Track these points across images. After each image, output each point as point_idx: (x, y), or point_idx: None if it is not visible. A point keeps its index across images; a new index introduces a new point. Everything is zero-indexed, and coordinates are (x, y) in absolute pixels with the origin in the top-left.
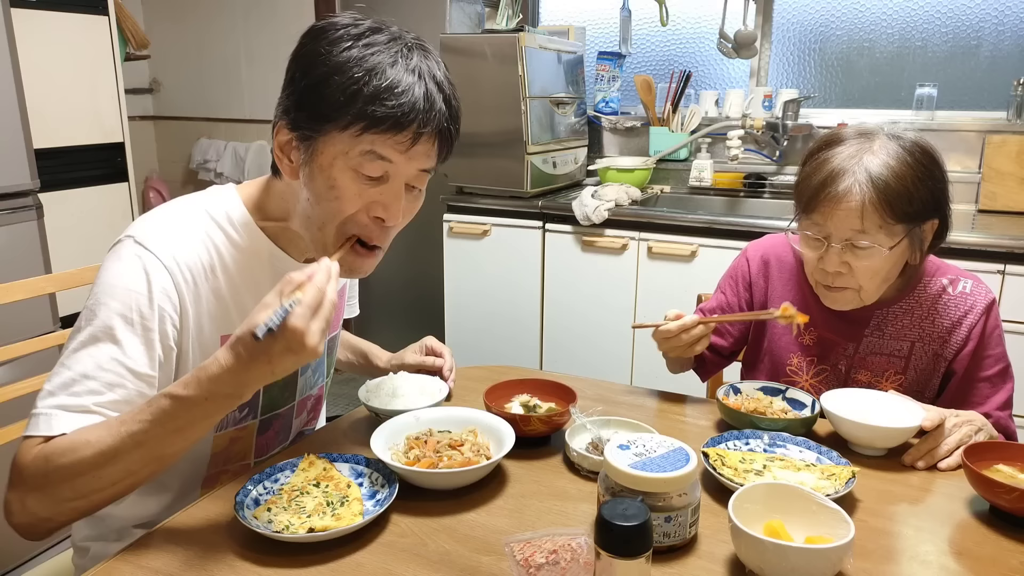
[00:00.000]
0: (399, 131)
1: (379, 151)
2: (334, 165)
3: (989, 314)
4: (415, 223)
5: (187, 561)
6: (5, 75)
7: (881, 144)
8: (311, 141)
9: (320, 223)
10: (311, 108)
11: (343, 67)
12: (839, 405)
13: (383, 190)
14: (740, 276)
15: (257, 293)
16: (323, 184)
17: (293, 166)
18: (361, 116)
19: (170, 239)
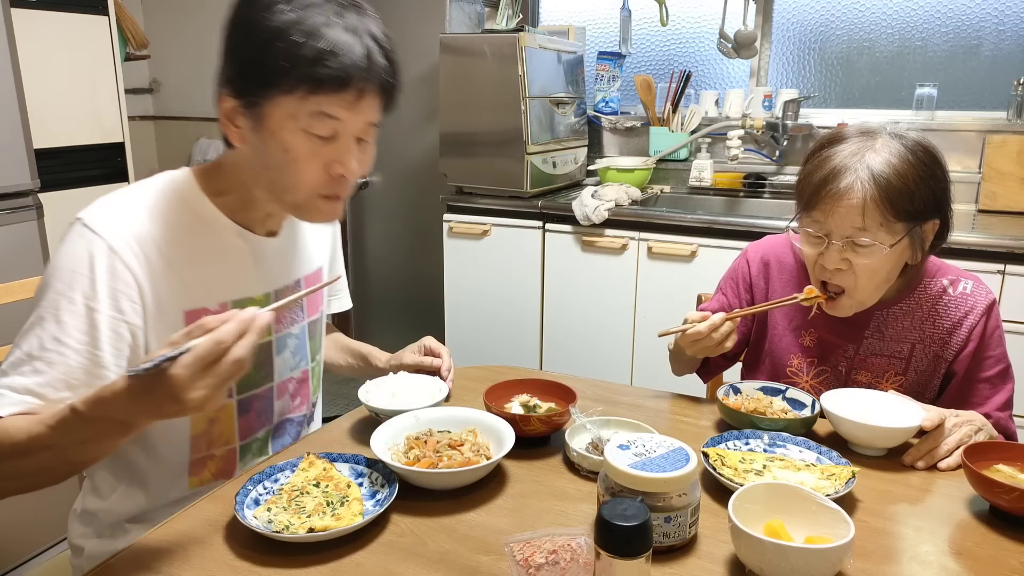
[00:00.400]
0: (343, 90)
1: (326, 111)
2: (284, 128)
3: (989, 315)
4: (415, 223)
5: (187, 561)
6: (5, 75)
7: (884, 143)
8: (257, 107)
9: (284, 187)
10: (254, 75)
11: (281, 32)
12: (839, 405)
13: (336, 148)
14: (741, 277)
15: (217, 266)
16: (276, 148)
17: (240, 132)
18: (305, 79)
19: (117, 218)
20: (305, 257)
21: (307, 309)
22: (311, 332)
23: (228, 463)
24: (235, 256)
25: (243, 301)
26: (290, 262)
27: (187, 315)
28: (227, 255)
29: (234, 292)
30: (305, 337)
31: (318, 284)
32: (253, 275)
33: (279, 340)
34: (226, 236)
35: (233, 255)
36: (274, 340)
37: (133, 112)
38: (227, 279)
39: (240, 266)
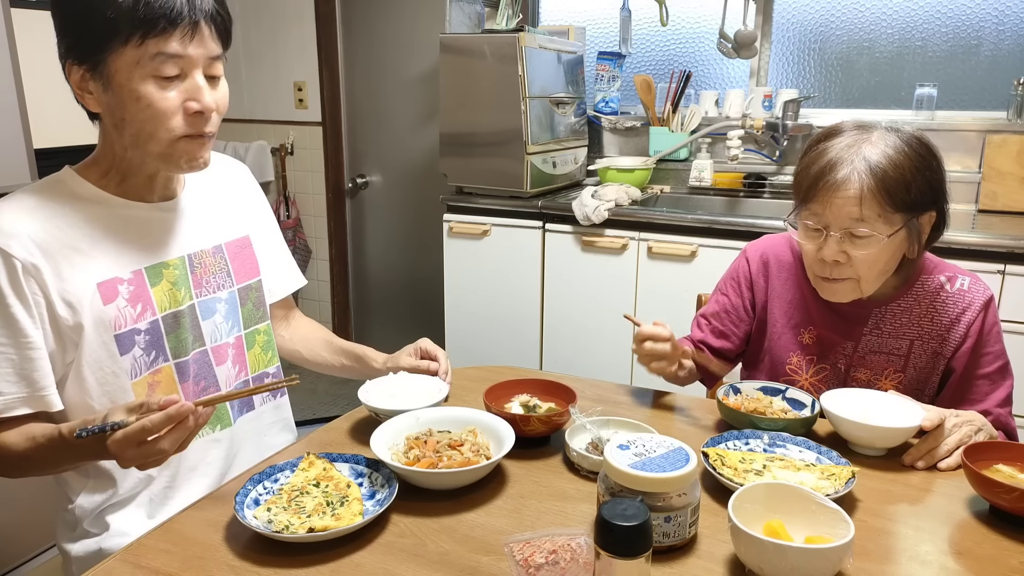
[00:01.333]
0: (175, 26)
1: (165, 50)
2: (132, 78)
3: (987, 311)
4: (415, 223)
5: (187, 561)
6: (5, 75)
7: (879, 135)
8: (101, 67)
9: (148, 136)
10: (88, 36)
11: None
12: (839, 405)
13: (187, 86)
14: (742, 276)
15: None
16: (130, 99)
17: (95, 97)
18: (135, 25)
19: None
20: (225, 224)
21: (235, 275)
22: (242, 299)
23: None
24: (134, 226)
25: (156, 267)
26: (205, 228)
27: (100, 286)
28: (125, 227)
29: (144, 260)
30: (236, 303)
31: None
32: (159, 240)
33: (203, 304)
34: (118, 210)
35: (132, 225)
36: (196, 304)
37: None
38: (132, 249)
39: (142, 234)
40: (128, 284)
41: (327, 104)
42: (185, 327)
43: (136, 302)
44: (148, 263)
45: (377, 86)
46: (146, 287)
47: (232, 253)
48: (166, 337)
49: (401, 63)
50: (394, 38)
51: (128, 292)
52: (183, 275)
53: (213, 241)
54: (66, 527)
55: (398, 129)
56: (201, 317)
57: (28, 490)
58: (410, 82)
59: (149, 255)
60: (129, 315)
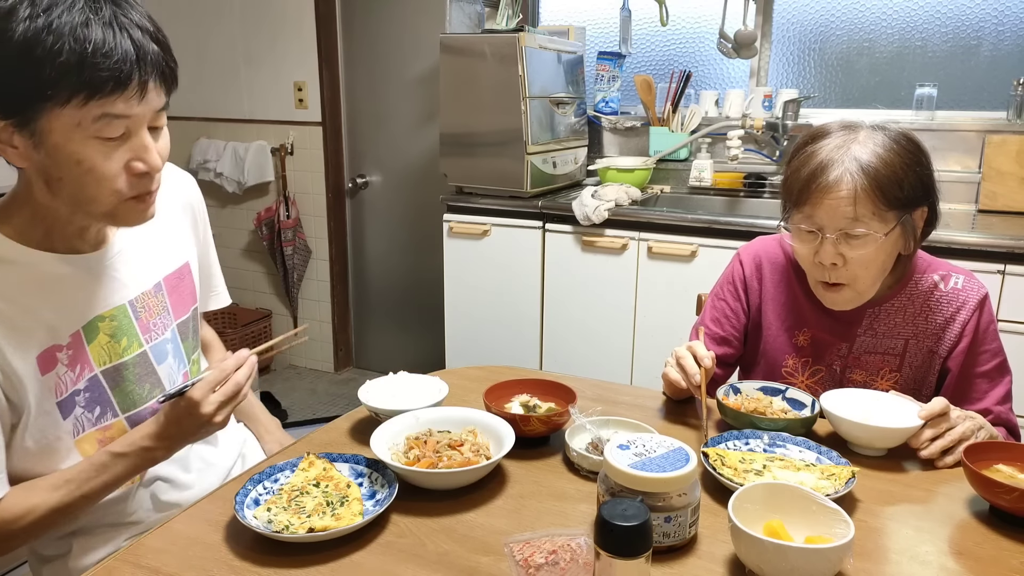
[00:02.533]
0: (124, 88)
1: (112, 111)
2: (72, 139)
3: (982, 310)
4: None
5: (187, 561)
6: None
7: (867, 134)
8: (32, 123)
9: (88, 199)
10: (20, 90)
11: (35, 40)
12: (839, 405)
13: (132, 144)
14: (737, 279)
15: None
16: (68, 162)
17: (20, 152)
18: (80, 86)
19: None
20: (162, 257)
21: (173, 311)
22: (182, 334)
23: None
24: (67, 285)
25: (94, 321)
26: (143, 267)
27: (38, 359)
28: (55, 286)
29: (81, 318)
30: (178, 340)
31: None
32: (95, 293)
33: (155, 349)
34: (48, 269)
35: (62, 283)
36: (148, 351)
37: None
38: (67, 310)
39: (75, 290)
40: (67, 349)
41: (327, 104)
42: (132, 379)
43: (75, 364)
44: (85, 320)
45: (377, 86)
46: (83, 346)
47: (170, 287)
48: (111, 392)
49: (401, 63)
50: (394, 38)
51: (67, 357)
52: (126, 324)
53: (153, 279)
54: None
55: (398, 129)
56: (156, 363)
57: None
58: (410, 82)
59: (84, 312)
60: (69, 379)
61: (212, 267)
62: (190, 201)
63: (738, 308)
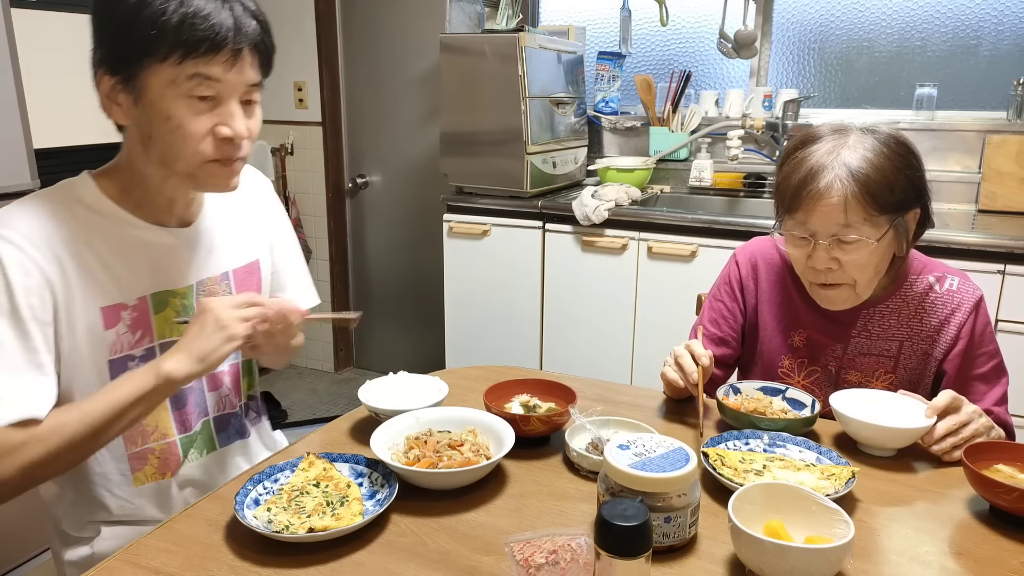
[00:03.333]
0: (217, 51)
1: (204, 72)
2: (165, 95)
3: (978, 312)
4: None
5: (187, 561)
6: (5, 75)
7: (856, 138)
8: (134, 79)
9: (174, 156)
10: (126, 47)
11: (146, 3)
12: (849, 405)
13: (220, 111)
14: (733, 280)
15: (130, 263)
16: (159, 117)
17: (123, 109)
18: (177, 44)
19: (22, 223)
20: (234, 249)
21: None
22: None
23: (169, 456)
24: (146, 252)
25: (162, 294)
26: (216, 254)
27: (103, 311)
28: (138, 251)
29: (151, 286)
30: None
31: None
32: (170, 268)
33: None
34: (133, 232)
35: (144, 251)
36: None
37: None
38: (141, 275)
39: (153, 261)
40: (131, 310)
41: (327, 104)
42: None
43: (136, 328)
44: (154, 289)
45: (377, 86)
46: (148, 314)
47: (238, 280)
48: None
49: (401, 63)
50: (394, 38)
51: (130, 318)
52: (189, 305)
53: (221, 268)
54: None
55: (398, 129)
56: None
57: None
58: (410, 82)
59: (157, 282)
60: (127, 341)
61: (296, 265)
62: (266, 203)
63: (735, 309)
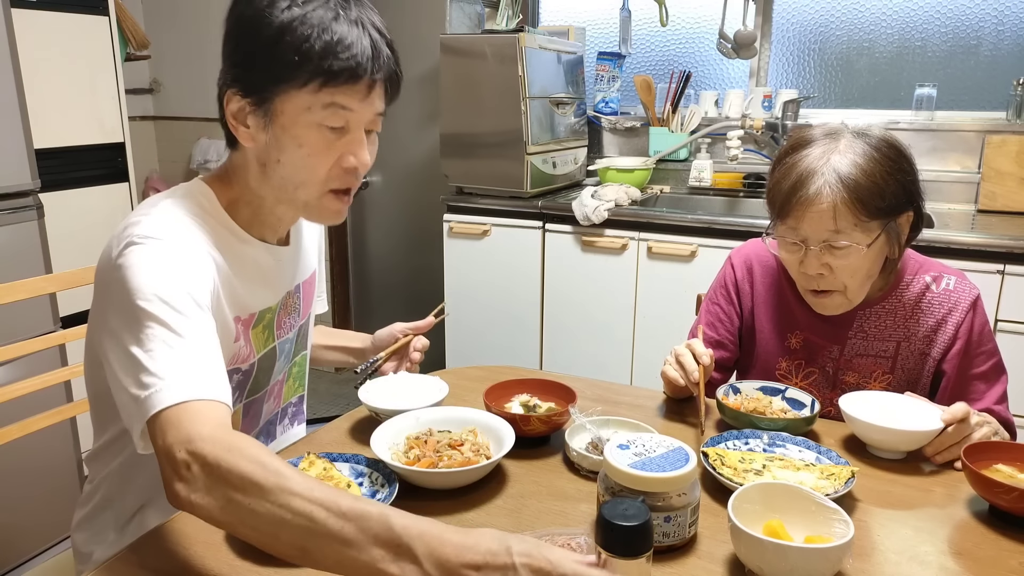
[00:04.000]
0: (356, 81)
1: (340, 102)
2: (298, 122)
3: (975, 311)
4: (415, 223)
5: (187, 561)
6: (5, 75)
7: (847, 143)
8: (268, 103)
9: (297, 183)
10: (264, 71)
11: (289, 27)
12: (858, 408)
13: (348, 140)
14: (729, 283)
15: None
16: (291, 143)
17: (250, 132)
18: (318, 72)
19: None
20: (304, 262)
21: (302, 313)
22: (298, 335)
23: None
24: (260, 268)
25: (263, 312)
26: (295, 268)
27: (236, 320)
28: (254, 267)
29: (260, 303)
30: (293, 340)
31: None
32: (271, 285)
33: (280, 345)
34: (251, 249)
35: (259, 267)
36: (276, 346)
37: (133, 112)
38: (256, 290)
39: (264, 277)
40: (243, 325)
41: None
42: (261, 369)
43: (246, 343)
44: (260, 307)
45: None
46: (250, 329)
47: (305, 292)
48: (251, 379)
49: (401, 63)
50: (394, 38)
51: (241, 332)
52: (273, 317)
53: (295, 281)
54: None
55: (398, 129)
56: (276, 358)
57: (35, 486)
58: (410, 82)
59: (262, 299)
60: (240, 354)
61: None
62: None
63: (731, 311)
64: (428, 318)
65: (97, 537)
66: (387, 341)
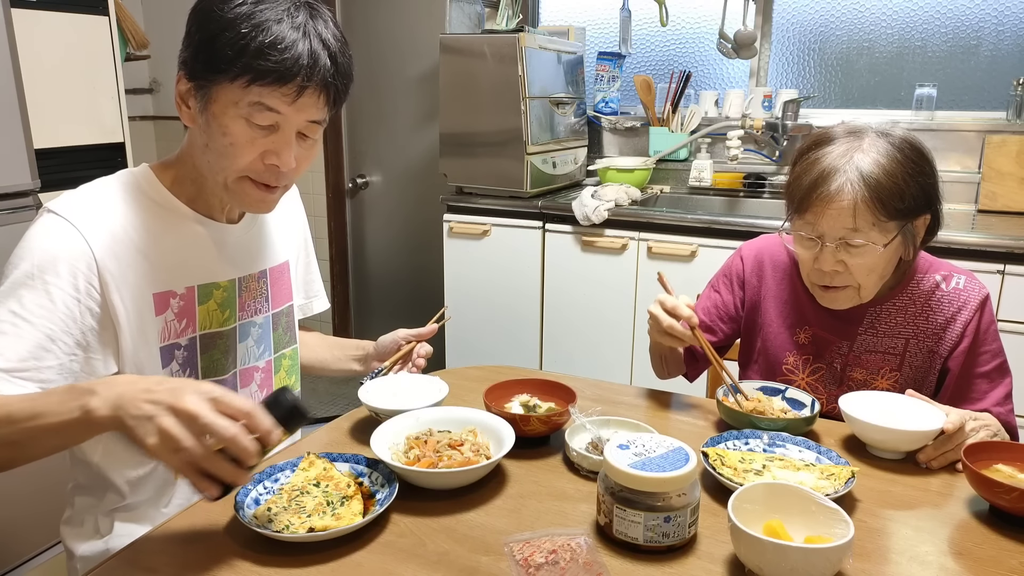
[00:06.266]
0: (283, 84)
1: (266, 102)
2: (226, 113)
3: (983, 310)
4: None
5: (187, 561)
6: (5, 75)
7: (871, 142)
8: (206, 90)
9: (218, 168)
10: (205, 60)
11: (233, 23)
12: (858, 408)
13: (275, 139)
14: (734, 274)
15: (181, 252)
16: (217, 131)
17: (191, 113)
18: (247, 69)
19: (83, 205)
20: (271, 249)
21: (272, 300)
22: (274, 323)
23: None
24: (197, 242)
25: (208, 286)
26: (255, 252)
27: (155, 296)
28: (189, 241)
29: (199, 277)
30: (269, 327)
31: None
32: (216, 261)
33: (242, 327)
34: (187, 223)
35: (195, 241)
36: (237, 327)
37: (133, 112)
38: (191, 264)
39: (203, 252)
40: (179, 299)
41: None
42: (221, 349)
43: (182, 317)
44: (201, 281)
45: (377, 86)
46: (194, 304)
47: (273, 279)
48: (200, 356)
49: (401, 63)
50: (394, 38)
51: (178, 307)
52: (231, 298)
53: (259, 266)
54: (72, 527)
55: (398, 129)
56: (239, 339)
57: (31, 487)
58: (410, 82)
59: (203, 273)
60: (175, 329)
61: (313, 272)
62: (296, 208)
63: (730, 301)
64: (430, 325)
65: (80, 533)
66: (390, 348)
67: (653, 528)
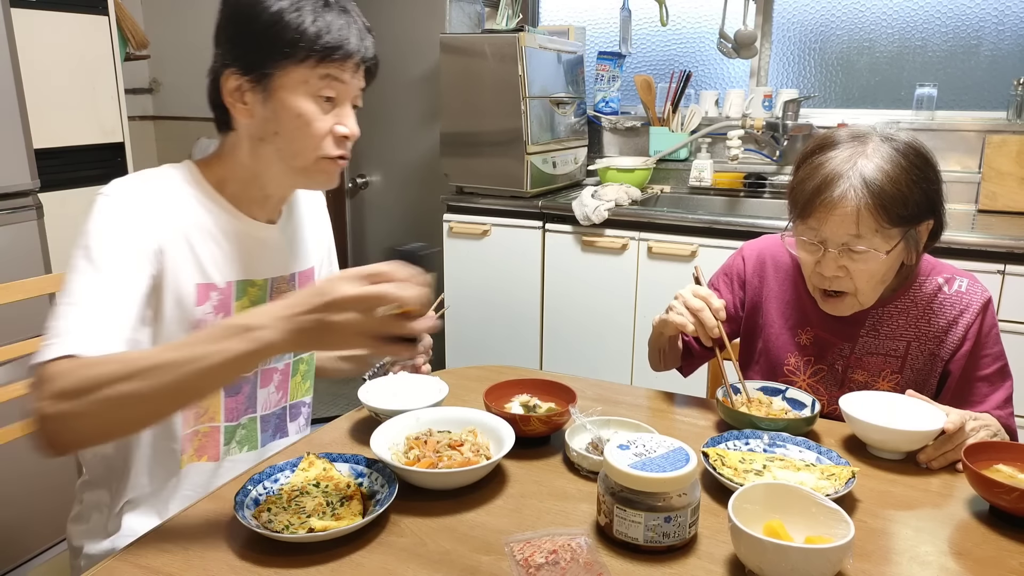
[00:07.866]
0: (348, 58)
1: (335, 75)
2: (296, 94)
3: (985, 313)
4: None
5: (187, 561)
6: (5, 75)
7: (875, 147)
8: (267, 79)
9: (293, 153)
10: (267, 48)
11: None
12: (858, 408)
13: (338, 111)
14: (735, 274)
15: (224, 247)
16: (290, 114)
17: (248, 108)
18: (315, 49)
19: (137, 190)
20: (302, 253)
21: None
22: None
23: (211, 442)
24: (239, 239)
25: (244, 283)
26: (288, 254)
27: (198, 287)
28: (232, 238)
29: (238, 273)
30: None
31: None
32: (255, 259)
33: None
34: (231, 220)
35: (237, 238)
36: None
37: (133, 112)
38: (232, 260)
39: (243, 249)
40: (219, 292)
41: None
42: None
43: (220, 311)
44: (239, 277)
45: (377, 86)
46: (231, 299)
47: (300, 283)
48: None
49: (401, 63)
50: (394, 38)
51: (217, 300)
52: (264, 296)
53: (290, 269)
54: (79, 525)
55: (398, 129)
56: None
57: (36, 485)
58: (410, 82)
59: (242, 270)
60: (211, 321)
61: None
62: (322, 213)
63: (729, 301)
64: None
65: (88, 531)
66: None
67: (653, 528)
